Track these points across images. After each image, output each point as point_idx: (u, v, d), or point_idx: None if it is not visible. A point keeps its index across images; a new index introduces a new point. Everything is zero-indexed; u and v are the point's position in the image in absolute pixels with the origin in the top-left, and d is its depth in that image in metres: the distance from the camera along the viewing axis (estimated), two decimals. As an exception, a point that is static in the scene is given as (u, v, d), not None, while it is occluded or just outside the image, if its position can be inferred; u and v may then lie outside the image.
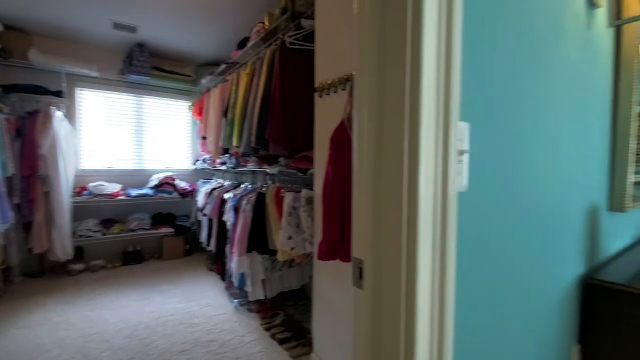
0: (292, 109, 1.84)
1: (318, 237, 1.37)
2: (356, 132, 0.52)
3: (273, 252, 1.96)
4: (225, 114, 2.46)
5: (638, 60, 1.13)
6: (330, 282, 1.48)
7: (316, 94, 1.54)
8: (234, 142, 2.22)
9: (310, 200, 1.71)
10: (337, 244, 1.21)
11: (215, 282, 2.72)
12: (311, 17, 1.71)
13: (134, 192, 3.13)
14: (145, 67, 3.07)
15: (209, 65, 3.45)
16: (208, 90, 3.07)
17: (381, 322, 0.51)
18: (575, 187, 0.96)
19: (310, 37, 1.69)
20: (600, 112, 1.08)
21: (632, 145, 1.12)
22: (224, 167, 2.82)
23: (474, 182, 0.59)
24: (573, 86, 0.89)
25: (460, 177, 0.53)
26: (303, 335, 1.92)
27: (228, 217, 2.29)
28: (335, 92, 1.39)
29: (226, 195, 2.44)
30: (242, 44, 2.46)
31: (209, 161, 3.16)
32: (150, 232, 3.19)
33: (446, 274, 0.50)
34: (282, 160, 2.02)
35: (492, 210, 0.65)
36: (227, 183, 2.85)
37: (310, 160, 1.77)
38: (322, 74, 1.48)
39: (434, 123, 0.45)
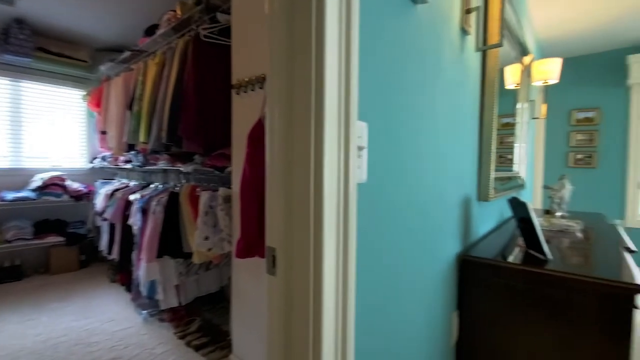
0: (207, 105, 1.78)
1: (236, 235, 1.36)
2: (268, 129, 0.56)
3: (188, 255, 1.86)
4: (130, 106, 2.23)
5: (497, 80, 1.42)
6: (249, 280, 1.48)
7: (233, 91, 1.52)
8: (141, 138, 2.03)
9: (228, 199, 1.68)
10: (255, 240, 1.23)
11: (120, 293, 2.45)
12: (227, 12, 1.69)
13: (10, 196, 2.60)
14: (25, 46, 2.58)
15: (110, 50, 3.07)
16: (108, 78, 2.73)
17: (293, 304, 0.55)
18: (453, 181, 1.16)
19: (227, 32, 1.66)
20: (471, 120, 1.33)
21: (494, 148, 1.41)
22: (128, 166, 2.55)
23: (372, 174, 0.68)
24: (449, 97, 1.09)
25: (360, 170, 0.61)
26: (222, 338, 1.88)
27: (134, 220, 2.09)
28: (252, 90, 1.40)
29: (132, 197, 2.22)
30: (150, 31, 2.26)
31: (110, 159, 2.81)
32: (32, 243, 2.70)
33: (348, 256, 0.57)
34: (197, 158, 1.93)
35: (388, 199, 0.75)
36: (133, 183, 2.58)
37: (227, 158, 1.74)
38: (240, 71, 1.47)
39: (336, 122, 0.52)
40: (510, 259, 1.14)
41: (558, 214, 2.15)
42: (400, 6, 0.77)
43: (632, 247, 1.36)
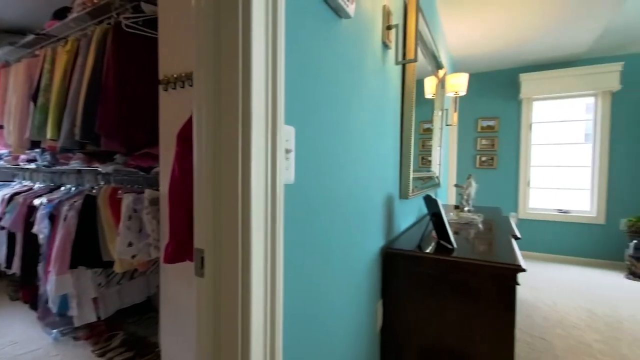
0: (131, 100, 1.66)
1: (165, 240, 1.30)
2: (195, 129, 0.56)
3: (108, 264, 1.71)
4: (34, 97, 1.95)
5: (415, 90, 1.59)
6: (179, 287, 1.42)
7: (161, 87, 1.44)
8: (49, 134, 1.80)
9: (155, 201, 1.58)
10: (186, 243, 1.19)
11: (24, 312, 2.13)
12: (153, 2, 1.59)
13: None
14: None
15: (10, 32, 2.64)
16: (7, 65, 2.35)
17: (221, 305, 0.57)
18: (379, 181, 1.28)
19: (153, 24, 1.57)
20: (393, 126, 1.47)
21: (413, 151, 1.59)
22: (32, 166, 2.23)
23: (300, 176, 0.73)
24: (373, 105, 1.19)
25: (288, 172, 0.65)
26: (149, 350, 1.76)
27: (40, 228, 1.84)
28: (182, 86, 1.35)
29: (37, 201, 1.95)
30: (60, 14, 2.01)
31: (7, 158, 2.42)
32: None
33: (276, 256, 0.60)
34: (119, 157, 1.78)
35: (315, 199, 0.81)
36: (38, 185, 2.26)
37: (154, 157, 1.64)
38: (167, 66, 1.41)
39: (263, 125, 0.55)
40: (425, 249, 1.29)
41: (466, 208, 2.48)
42: (327, 19, 0.84)
43: (518, 234, 1.66)
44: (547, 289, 2.93)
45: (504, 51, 3.60)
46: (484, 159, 4.34)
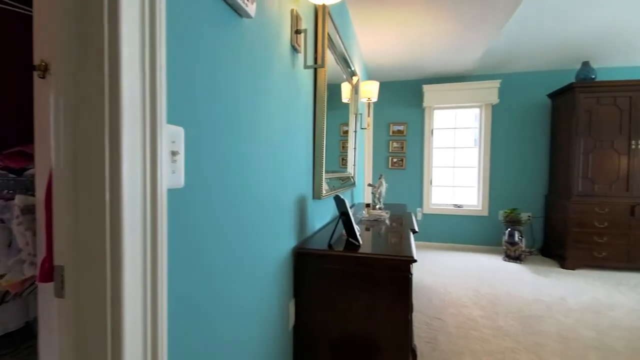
0: (-7, 89, 1.37)
1: (42, 254, 1.10)
2: (53, 124, 0.49)
3: (-38, 288, 1.38)
4: None
5: (325, 94, 1.66)
6: (62, 306, 1.22)
7: (36, 74, 1.22)
8: None
9: (29, 209, 1.34)
10: (66, 257, 1.03)
11: None
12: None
13: None
14: None
15: None
16: None
17: (87, 332, 0.50)
18: (289, 183, 1.29)
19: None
20: (306, 128, 1.50)
21: (325, 152, 1.65)
22: None
23: (195, 179, 0.69)
24: (282, 106, 1.20)
25: (175, 175, 0.61)
26: (24, 386, 1.48)
27: None
28: (62, 77, 1.16)
29: None
30: None
31: None
32: None
33: (158, 269, 0.54)
34: (-24, 157, 1.46)
35: (213, 203, 0.78)
36: None
37: (29, 157, 1.38)
38: (45, 48, 1.20)
39: (139, 124, 0.51)
40: (334, 247, 1.36)
41: (377, 206, 2.68)
42: (225, 16, 0.81)
43: (416, 228, 1.86)
44: (445, 274, 3.35)
45: (409, 63, 4.00)
46: (395, 160, 4.76)
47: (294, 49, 1.30)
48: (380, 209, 2.66)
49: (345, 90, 2.73)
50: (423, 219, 4.66)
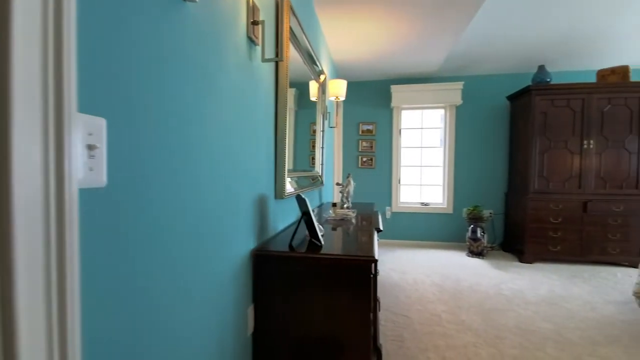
0: None
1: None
2: None
3: None
4: None
5: (287, 90, 1.60)
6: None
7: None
8: None
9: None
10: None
11: None
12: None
13: None
14: None
15: None
16: None
17: None
18: (247, 182, 1.22)
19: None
20: (266, 125, 1.44)
21: (288, 151, 1.59)
22: None
23: (124, 177, 0.61)
24: (237, 100, 1.13)
25: (94, 173, 0.53)
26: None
27: None
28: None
29: None
30: None
31: None
32: None
33: (67, 288, 0.47)
34: None
35: (155, 203, 0.70)
36: None
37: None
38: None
39: (40, 115, 0.43)
40: (296, 249, 1.30)
41: (345, 205, 2.66)
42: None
43: (380, 227, 1.85)
44: (412, 271, 3.40)
45: (377, 64, 4.03)
46: (364, 159, 4.79)
47: (251, 40, 1.24)
48: (348, 208, 2.64)
49: (313, 88, 2.69)
50: (392, 217, 4.72)
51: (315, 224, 1.33)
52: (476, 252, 3.98)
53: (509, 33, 3.57)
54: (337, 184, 2.88)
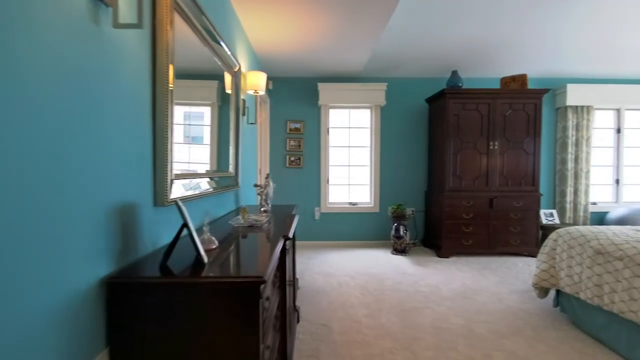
0: None
1: None
2: None
3: None
4: None
5: (170, 72, 1.31)
6: None
7: None
8: None
9: None
10: None
11: None
12: None
13: None
14: None
15: None
16: None
17: None
18: (96, 186, 0.91)
19: None
20: (136, 119, 1.13)
21: (171, 146, 1.30)
22: None
23: None
24: (68, 76, 0.82)
25: None
26: None
27: None
28: None
29: None
30: None
31: None
32: None
33: None
34: None
35: None
36: None
37: None
38: None
39: None
40: (173, 269, 1.03)
41: (262, 209, 2.42)
42: None
43: (290, 234, 1.66)
44: (338, 273, 3.31)
45: (303, 59, 3.87)
46: (292, 158, 4.60)
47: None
48: (265, 211, 2.41)
49: (228, 80, 2.40)
50: (321, 218, 4.62)
51: (195, 237, 1.07)
52: (400, 250, 4.07)
53: (427, 38, 3.70)
54: (255, 185, 2.62)
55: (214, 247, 1.27)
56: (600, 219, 4.66)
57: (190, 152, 1.87)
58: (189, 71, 1.68)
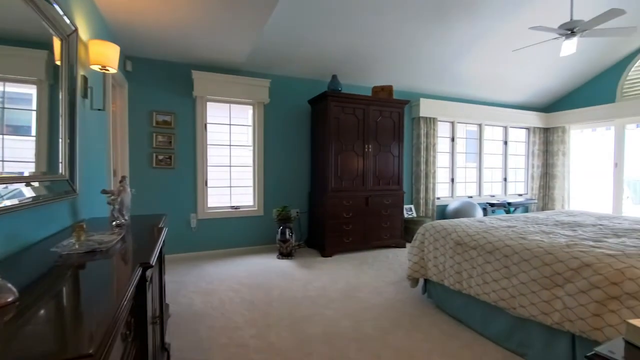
0: None
1: None
2: None
3: None
4: None
5: None
6: None
7: None
8: None
9: None
10: None
11: None
12: None
13: None
14: None
15: None
16: None
17: None
18: None
19: None
20: None
21: None
22: None
23: None
24: None
25: None
26: None
27: None
28: None
29: None
30: None
31: None
32: None
33: None
34: None
35: None
36: None
37: None
38: None
39: None
40: None
41: (115, 222, 1.84)
42: None
43: (152, 260, 1.25)
44: (219, 289, 2.91)
45: (173, 41, 3.27)
46: (161, 157, 3.88)
47: None
48: (119, 226, 1.84)
49: (57, 46, 1.71)
50: (199, 225, 4.06)
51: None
52: (286, 254, 3.94)
53: (311, 39, 3.67)
54: (104, 191, 1.99)
55: (9, 300, 0.78)
56: (442, 211, 5.68)
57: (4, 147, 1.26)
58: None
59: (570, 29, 3.25)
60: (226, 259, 3.90)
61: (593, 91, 5.80)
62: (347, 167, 4.23)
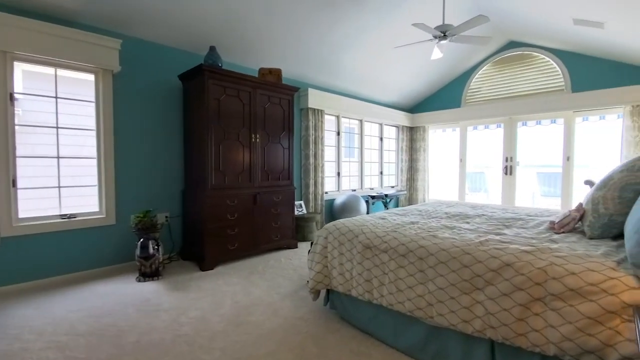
0: None
1: None
2: None
3: None
4: None
5: None
6: None
7: None
8: None
9: None
10: None
11: None
12: None
13: None
14: None
15: None
16: None
17: None
18: None
19: None
20: None
21: None
22: None
23: None
24: None
25: None
26: None
27: None
28: None
29: None
30: None
31: None
32: None
33: None
34: None
35: None
36: None
37: None
38: None
39: None
40: None
41: None
42: None
43: None
44: (32, 349, 1.86)
45: None
46: None
47: None
48: None
49: None
50: (5, 247, 2.68)
51: None
52: (149, 274, 3.01)
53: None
54: None
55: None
56: (330, 205, 5.63)
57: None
58: None
59: (443, 32, 3.46)
60: (54, 294, 2.69)
61: (447, 96, 6.76)
62: (230, 159, 3.56)
